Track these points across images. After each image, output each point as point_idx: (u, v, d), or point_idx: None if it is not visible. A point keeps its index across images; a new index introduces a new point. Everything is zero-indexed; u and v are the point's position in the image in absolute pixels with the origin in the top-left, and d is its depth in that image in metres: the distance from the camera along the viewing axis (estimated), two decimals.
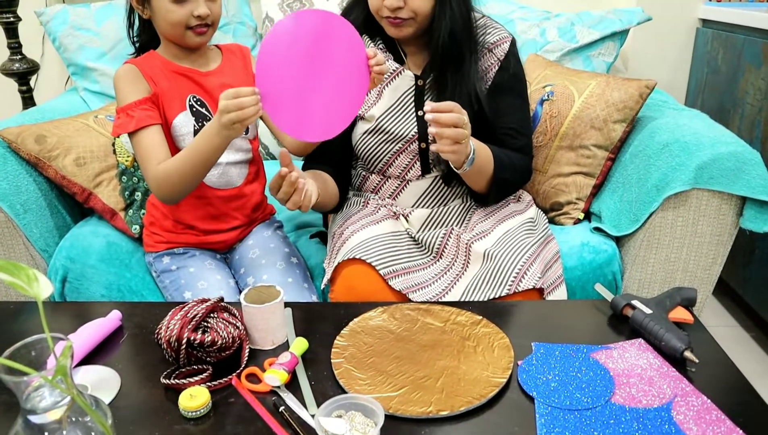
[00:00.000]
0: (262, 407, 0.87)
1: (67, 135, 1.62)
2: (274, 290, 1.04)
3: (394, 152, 1.37)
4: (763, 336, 2.06)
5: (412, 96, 1.36)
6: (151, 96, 1.28)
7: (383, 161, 1.39)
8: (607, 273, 1.53)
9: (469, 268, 1.26)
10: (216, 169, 1.37)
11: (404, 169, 1.39)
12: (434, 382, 0.90)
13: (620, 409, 0.85)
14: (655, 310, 1.02)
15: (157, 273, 1.42)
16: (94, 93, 2.05)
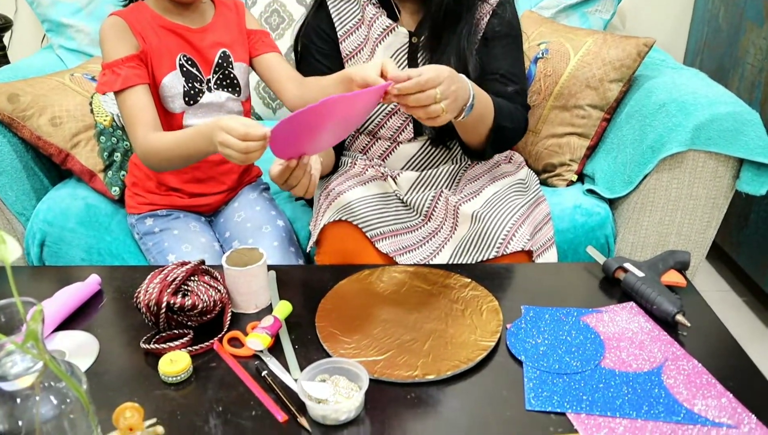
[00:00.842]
0: (245, 372, 0.86)
1: (41, 93, 1.58)
2: (257, 253, 1.03)
3: (386, 113, 1.34)
4: (756, 301, 2.07)
5: (405, 54, 1.33)
6: (139, 53, 1.23)
7: (374, 122, 1.36)
8: (599, 236, 1.53)
9: (457, 230, 1.25)
10: None
11: (396, 131, 1.37)
12: (421, 346, 0.90)
13: (610, 373, 0.85)
14: (647, 273, 1.02)
15: (140, 235, 1.40)
16: (70, 50, 2.00)
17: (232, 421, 0.78)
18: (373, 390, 0.82)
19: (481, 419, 0.78)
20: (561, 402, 0.80)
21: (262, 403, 0.81)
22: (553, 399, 0.81)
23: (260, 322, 0.93)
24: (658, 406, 0.79)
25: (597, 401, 0.80)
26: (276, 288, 1.06)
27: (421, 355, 0.88)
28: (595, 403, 0.80)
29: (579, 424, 0.77)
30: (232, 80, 1.35)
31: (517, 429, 0.77)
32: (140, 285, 0.95)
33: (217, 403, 0.81)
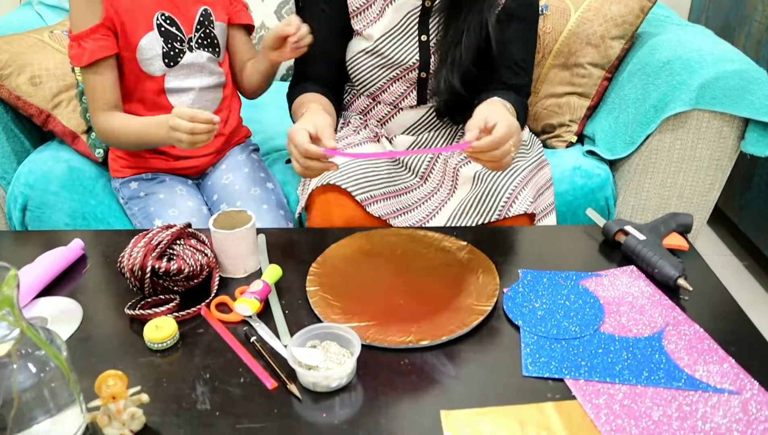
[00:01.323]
0: (233, 338, 0.85)
1: (20, 51, 1.53)
2: (245, 215, 1.01)
3: (390, 78, 1.30)
4: (757, 265, 2.07)
5: (416, 18, 1.25)
6: (105, 21, 1.18)
7: (376, 86, 1.32)
8: (599, 198, 1.51)
9: (456, 191, 1.23)
10: (187, 96, 1.31)
11: (398, 97, 1.32)
12: (415, 311, 0.89)
13: (609, 338, 0.85)
14: (648, 236, 1.01)
15: (125, 200, 1.37)
16: (49, 6, 1.93)
17: (220, 388, 0.77)
18: (366, 356, 0.81)
19: (477, 386, 0.77)
20: (559, 368, 0.79)
21: (251, 370, 0.80)
22: (550, 365, 0.80)
23: (249, 286, 0.92)
24: (658, 372, 0.78)
25: (596, 367, 0.79)
26: (265, 251, 1.04)
27: (415, 320, 0.87)
28: (593, 369, 0.79)
29: (577, 390, 0.76)
30: (212, 40, 1.31)
31: (514, 395, 0.76)
32: (124, 249, 0.93)
33: (205, 370, 0.80)
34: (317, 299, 0.92)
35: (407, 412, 0.73)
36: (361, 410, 0.74)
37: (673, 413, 0.73)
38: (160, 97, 1.30)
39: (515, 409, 0.73)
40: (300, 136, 0.99)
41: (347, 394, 0.76)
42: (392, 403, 0.75)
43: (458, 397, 0.76)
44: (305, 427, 0.72)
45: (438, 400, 0.75)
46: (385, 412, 0.73)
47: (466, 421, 0.72)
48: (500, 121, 0.96)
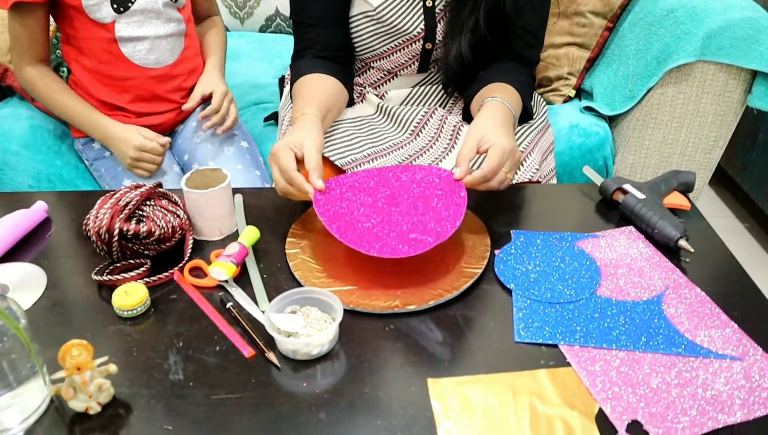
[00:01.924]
0: (208, 304, 0.84)
1: None
2: (220, 174, 0.98)
3: (391, 48, 1.24)
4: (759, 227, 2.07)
5: None
6: None
7: (375, 53, 1.26)
8: (597, 158, 1.50)
9: (454, 150, 1.20)
10: (141, 44, 1.26)
11: (398, 66, 1.27)
12: (401, 274, 0.88)
13: (606, 302, 0.84)
14: (648, 195, 1.00)
15: (89, 161, 1.34)
16: None
17: (194, 357, 0.76)
18: (348, 322, 0.80)
19: (466, 352, 0.77)
20: (553, 333, 0.79)
21: (227, 338, 0.79)
22: (544, 330, 0.79)
23: (224, 249, 0.90)
24: (657, 338, 0.78)
25: (592, 332, 0.79)
26: (242, 213, 1.03)
27: (401, 283, 0.86)
28: (589, 335, 0.78)
29: (572, 356, 0.76)
30: None
31: (505, 362, 0.75)
32: (90, 211, 0.90)
33: (178, 338, 0.79)
34: (297, 262, 0.90)
35: (392, 380, 0.73)
36: (343, 379, 0.73)
37: (672, 380, 0.72)
38: (112, 47, 1.25)
39: (506, 376, 0.73)
40: (286, 159, 0.94)
41: (329, 363, 0.75)
42: (376, 371, 0.74)
43: (446, 364, 0.75)
44: (285, 397, 0.71)
45: (425, 368, 0.75)
46: (369, 380, 0.73)
47: (455, 390, 0.71)
48: (494, 144, 0.95)
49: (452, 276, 0.87)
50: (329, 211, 0.92)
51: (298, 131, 0.99)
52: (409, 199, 0.95)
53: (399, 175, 1.00)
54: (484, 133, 0.97)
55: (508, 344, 0.78)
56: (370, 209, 0.94)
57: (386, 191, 0.97)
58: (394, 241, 0.87)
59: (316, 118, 1.04)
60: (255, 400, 0.70)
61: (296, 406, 0.70)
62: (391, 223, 0.91)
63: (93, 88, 1.28)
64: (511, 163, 0.97)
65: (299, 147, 0.95)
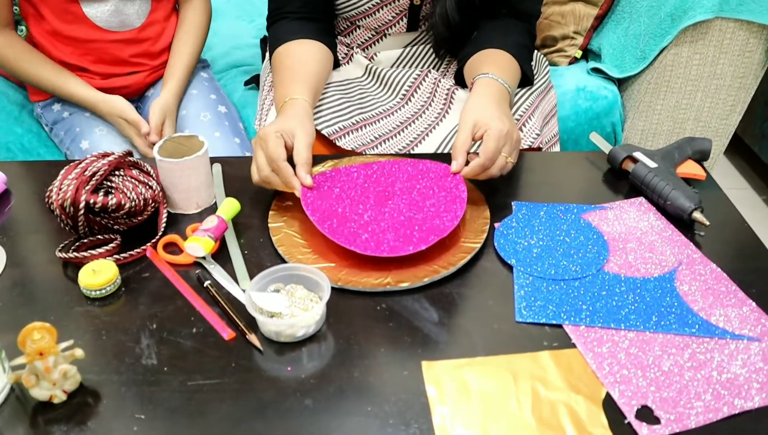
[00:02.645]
0: (183, 283, 0.84)
1: None
2: (197, 141, 0.97)
3: (376, 3, 1.21)
4: None
5: None
6: None
7: (359, 10, 1.23)
8: (605, 124, 1.49)
9: (449, 115, 1.19)
10: (105, 6, 1.24)
11: (385, 24, 1.25)
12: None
13: (614, 278, 0.84)
14: (660, 163, 0.99)
15: (49, 125, 1.32)
16: None
17: (169, 340, 0.76)
18: (337, 301, 0.80)
19: (464, 333, 0.77)
20: (557, 312, 0.79)
21: (205, 319, 0.78)
22: (547, 309, 0.79)
23: (202, 223, 0.90)
24: (669, 317, 0.78)
25: (599, 311, 0.79)
26: (221, 183, 1.02)
27: (394, 259, 0.86)
28: (596, 314, 0.78)
29: (577, 337, 0.75)
30: None
31: (506, 344, 0.75)
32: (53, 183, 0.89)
33: (151, 319, 0.79)
34: (281, 237, 0.90)
35: (384, 363, 0.73)
36: (331, 363, 0.73)
37: (685, 362, 0.72)
38: (73, 7, 1.23)
39: (507, 359, 0.73)
40: (276, 146, 0.92)
41: (315, 345, 0.75)
42: (367, 354, 0.74)
43: (442, 346, 0.75)
44: (267, 383, 0.71)
45: (419, 350, 0.74)
46: (358, 364, 0.73)
47: (451, 373, 0.71)
48: (489, 129, 0.94)
49: (449, 251, 0.87)
50: (319, 208, 0.91)
51: (289, 120, 0.98)
52: (403, 195, 0.95)
53: (391, 169, 1.00)
54: (477, 118, 0.96)
55: (509, 324, 0.78)
56: (362, 206, 0.93)
57: (378, 187, 0.97)
58: (391, 238, 0.87)
59: (306, 105, 1.03)
60: (235, 386, 0.70)
61: (280, 392, 0.69)
62: (385, 220, 0.91)
63: (53, 48, 1.27)
64: (510, 146, 0.96)
65: (290, 136, 0.94)
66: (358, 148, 1.13)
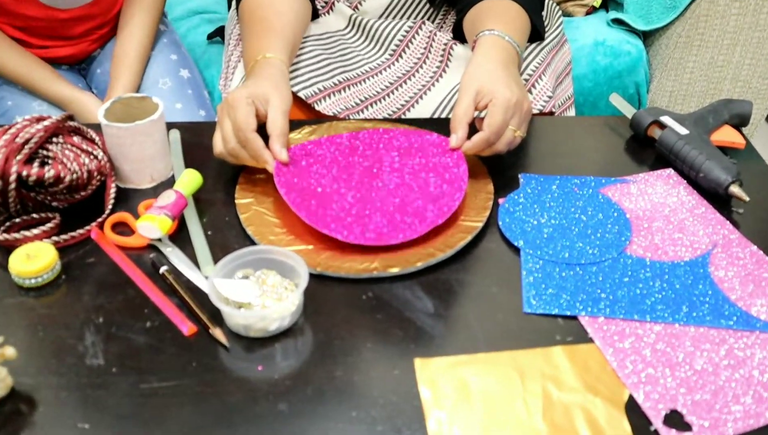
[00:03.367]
0: (136, 268, 0.84)
1: None
2: (150, 103, 0.97)
3: None
4: None
5: None
6: None
7: None
8: (628, 84, 1.50)
9: (446, 74, 1.19)
10: None
11: None
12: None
13: (638, 263, 0.84)
14: (692, 129, 0.99)
15: None
16: None
17: (118, 336, 0.75)
18: (315, 289, 0.80)
19: (463, 326, 0.77)
20: (571, 302, 0.79)
21: (161, 311, 0.78)
22: (560, 298, 0.79)
23: (157, 199, 0.89)
24: (702, 307, 0.78)
25: (620, 301, 0.79)
26: (180, 153, 1.01)
27: None
28: (617, 304, 0.79)
29: (595, 331, 0.76)
30: None
31: (512, 338, 0.75)
32: None
33: (97, 312, 0.78)
34: (250, 215, 0.90)
35: (370, 361, 0.73)
36: (309, 360, 0.73)
37: (721, 360, 0.73)
38: None
39: (513, 355, 0.73)
40: (245, 114, 0.90)
41: (291, 340, 0.75)
42: (351, 350, 0.74)
43: (438, 341, 0.75)
44: (235, 385, 0.70)
45: (411, 346, 0.75)
46: (341, 362, 0.73)
47: (448, 372, 0.71)
48: (495, 97, 0.93)
49: (446, 231, 0.87)
50: (295, 187, 0.91)
51: (262, 81, 0.97)
52: (393, 172, 0.95)
53: (380, 141, 0.99)
54: (480, 84, 0.96)
55: (516, 316, 0.78)
56: (345, 184, 0.93)
57: (365, 162, 0.97)
58: (378, 223, 0.87)
59: (282, 66, 1.02)
60: (197, 389, 0.70)
61: (249, 395, 0.69)
62: (372, 201, 0.90)
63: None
64: (519, 118, 0.95)
65: (263, 102, 0.93)
66: (340, 113, 1.13)
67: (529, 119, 0.98)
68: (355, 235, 0.85)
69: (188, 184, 0.92)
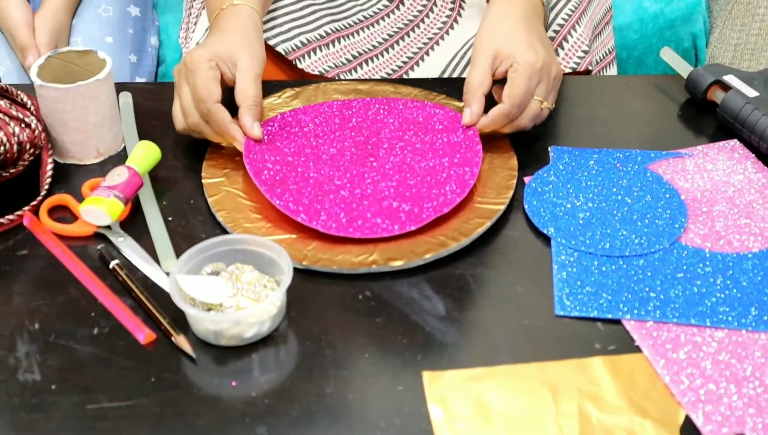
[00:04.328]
0: (80, 263, 0.84)
1: None
2: (95, 58, 0.97)
3: None
4: None
5: None
6: None
7: None
8: (682, 36, 1.51)
9: (458, 24, 1.19)
10: None
11: None
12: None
13: (696, 254, 0.84)
14: (763, 91, 1.00)
15: None
16: None
17: (59, 346, 0.76)
18: (301, 287, 0.80)
19: (481, 332, 0.77)
20: (613, 303, 0.79)
21: (111, 315, 0.78)
22: (599, 298, 0.79)
23: (105, 178, 0.89)
24: None
25: (673, 301, 0.79)
26: (133, 120, 1.02)
27: None
28: (669, 305, 0.78)
29: (643, 338, 0.76)
30: None
31: (541, 346, 0.76)
32: None
33: (32, 317, 0.78)
34: (221, 197, 0.90)
35: (369, 375, 0.73)
36: (294, 375, 0.73)
37: None
38: None
39: (542, 367, 0.73)
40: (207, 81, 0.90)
41: (271, 350, 0.76)
42: (344, 361, 0.74)
43: (451, 350, 0.75)
44: (203, 404, 0.71)
45: (419, 356, 0.75)
46: (333, 376, 0.73)
47: (464, 388, 0.71)
48: (516, 61, 0.93)
49: (459, 216, 0.87)
50: (270, 170, 0.91)
51: (228, 37, 0.97)
52: (392, 150, 0.95)
53: (378, 110, 1.00)
54: (497, 46, 0.96)
55: (546, 319, 0.78)
56: (333, 164, 0.93)
57: (358, 136, 0.97)
58: (372, 212, 0.87)
59: (255, 15, 1.02)
60: (156, 410, 0.70)
61: (221, 417, 0.70)
62: (365, 185, 0.91)
63: None
64: (546, 86, 0.96)
65: (229, 64, 0.93)
66: (328, 72, 1.13)
67: (558, 87, 0.98)
68: (344, 226, 0.85)
69: (143, 158, 0.92)
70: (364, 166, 0.93)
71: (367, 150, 0.95)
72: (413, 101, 1.00)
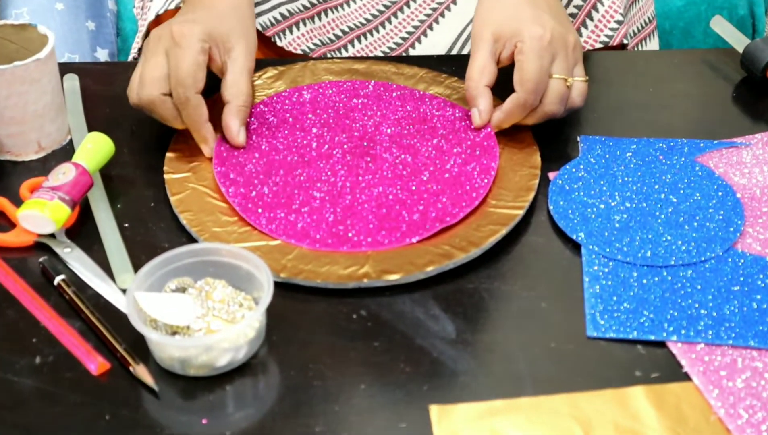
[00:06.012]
0: (18, 279, 0.84)
1: None
2: (36, 33, 0.98)
3: None
4: None
5: None
6: None
7: None
8: (737, 3, 1.51)
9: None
10: None
11: None
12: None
13: (755, 263, 0.85)
14: None
15: None
16: None
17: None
18: (284, 305, 0.81)
19: (501, 358, 0.78)
20: (656, 322, 0.79)
21: (57, 341, 0.78)
22: (640, 317, 0.79)
23: (48, 177, 0.90)
24: None
25: (729, 320, 0.79)
26: (80, 108, 1.02)
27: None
28: (724, 324, 0.79)
29: (693, 363, 0.76)
30: None
31: (571, 374, 0.76)
32: None
33: None
34: (186, 195, 0.91)
35: (365, 410, 0.73)
36: (276, 410, 0.73)
37: None
38: None
39: (573, 399, 0.73)
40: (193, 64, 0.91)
41: (249, 381, 0.76)
42: (337, 394, 0.74)
43: (463, 379, 0.76)
44: None
45: (425, 387, 0.75)
46: (323, 411, 0.73)
47: (478, 424, 0.71)
48: (523, 40, 0.94)
49: (468, 222, 0.88)
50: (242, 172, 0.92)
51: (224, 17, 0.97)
52: (392, 147, 0.96)
53: (375, 99, 1.01)
54: (496, 28, 0.97)
55: (576, 342, 0.79)
56: (321, 163, 0.94)
57: (351, 131, 0.98)
58: (367, 221, 0.88)
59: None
60: None
61: None
62: (359, 190, 0.92)
63: None
64: (564, 59, 0.95)
65: (223, 50, 0.94)
66: (313, 51, 1.15)
67: (581, 57, 0.98)
68: (331, 238, 0.85)
69: (94, 153, 0.92)
70: (358, 166, 0.94)
71: (363, 147, 0.96)
72: (411, 91, 1.01)
